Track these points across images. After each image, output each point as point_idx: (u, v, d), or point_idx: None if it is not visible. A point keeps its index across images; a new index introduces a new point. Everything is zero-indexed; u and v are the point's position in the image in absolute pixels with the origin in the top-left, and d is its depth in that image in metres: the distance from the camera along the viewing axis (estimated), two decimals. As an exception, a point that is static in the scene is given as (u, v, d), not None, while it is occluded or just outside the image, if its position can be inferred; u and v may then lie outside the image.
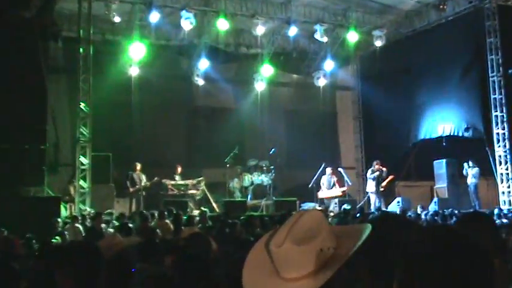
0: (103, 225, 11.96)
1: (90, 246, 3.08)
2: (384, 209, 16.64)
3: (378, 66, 20.01)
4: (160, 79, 18.65)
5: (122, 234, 10.25)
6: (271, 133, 20.48)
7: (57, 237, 9.77)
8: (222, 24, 17.43)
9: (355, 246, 1.63)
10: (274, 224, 12.39)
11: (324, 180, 18.25)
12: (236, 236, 9.92)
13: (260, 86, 20.35)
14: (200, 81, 19.38)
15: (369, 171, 18.07)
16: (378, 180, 17.53)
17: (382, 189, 17.57)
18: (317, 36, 18.80)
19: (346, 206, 15.39)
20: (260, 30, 18.00)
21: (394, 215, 2.29)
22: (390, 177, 17.64)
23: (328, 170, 18.36)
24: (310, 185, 18.10)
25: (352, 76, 22.42)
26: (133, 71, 18.06)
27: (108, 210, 13.70)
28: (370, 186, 17.75)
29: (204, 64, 19.02)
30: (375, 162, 17.89)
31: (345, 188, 18.23)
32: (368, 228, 1.69)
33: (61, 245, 8.67)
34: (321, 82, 21.05)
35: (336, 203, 17.21)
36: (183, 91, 19.50)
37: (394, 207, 16.80)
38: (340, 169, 18.99)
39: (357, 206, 17.42)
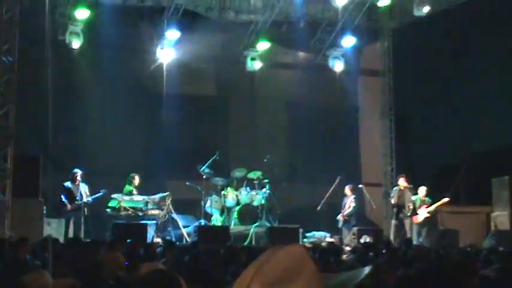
0: (28, 257, 11.81)
1: (10, 284, 2.99)
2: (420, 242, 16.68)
3: (419, 43, 19.91)
4: (112, 54, 18.55)
5: (52, 270, 10.22)
6: (267, 133, 20.46)
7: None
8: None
9: None
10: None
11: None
12: (212, 275, 9.88)
13: (253, 67, 20.30)
14: (169, 58, 19.30)
15: (393, 190, 18.13)
16: (399, 204, 17.59)
17: (427, 215, 17.58)
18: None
19: (366, 239, 15.29)
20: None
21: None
22: (444, 200, 17.67)
23: (346, 189, 18.41)
24: (319, 207, 18.13)
25: (382, 57, 22.34)
26: (76, 42, 17.96)
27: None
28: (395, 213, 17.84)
29: (175, 35, 18.93)
30: (399, 177, 17.99)
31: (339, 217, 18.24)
32: (362, 274, 1.75)
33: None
34: (338, 64, 20.99)
35: (354, 234, 17.25)
36: (145, 72, 19.41)
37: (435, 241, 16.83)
38: (360, 186, 18.97)
39: (384, 239, 17.29)
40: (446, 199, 17.63)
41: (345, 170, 19.30)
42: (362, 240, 15.37)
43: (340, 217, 18.17)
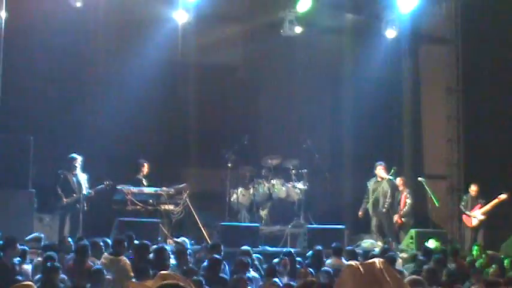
0: (16, 260, 11.75)
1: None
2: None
3: (494, 5, 19.68)
4: (119, 15, 18.58)
5: (42, 279, 10.12)
6: (307, 112, 20.44)
7: None
8: None
9: None
10: (306, 266, 12.26)
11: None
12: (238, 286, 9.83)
13: (291, 32, 20.06)
14: (188, 20, 19.17)
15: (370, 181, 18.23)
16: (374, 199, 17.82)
17: (482, 217, 17.73)
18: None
19: (429, 244, 15.26)
20: None
21: None
22: (500, 197, 17.74)
23: (399, 182, 18.34)
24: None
25: (448, 21, 22.08)
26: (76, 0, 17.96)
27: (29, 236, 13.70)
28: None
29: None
30: (376, 165, 18.03)
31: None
32: None
33: None
34: (394, 30, 20.72)
35: (412, 238, 17.23)
36: (157, 36, 19.22)
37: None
38: (420, 179, 18.82)
39: (451, 245, 17.15)
40: (503, 196, 17.62)
41: (401, 159, 19.19)
42: (423, 247, 15.24)
43: (395, 218, 18.13)
